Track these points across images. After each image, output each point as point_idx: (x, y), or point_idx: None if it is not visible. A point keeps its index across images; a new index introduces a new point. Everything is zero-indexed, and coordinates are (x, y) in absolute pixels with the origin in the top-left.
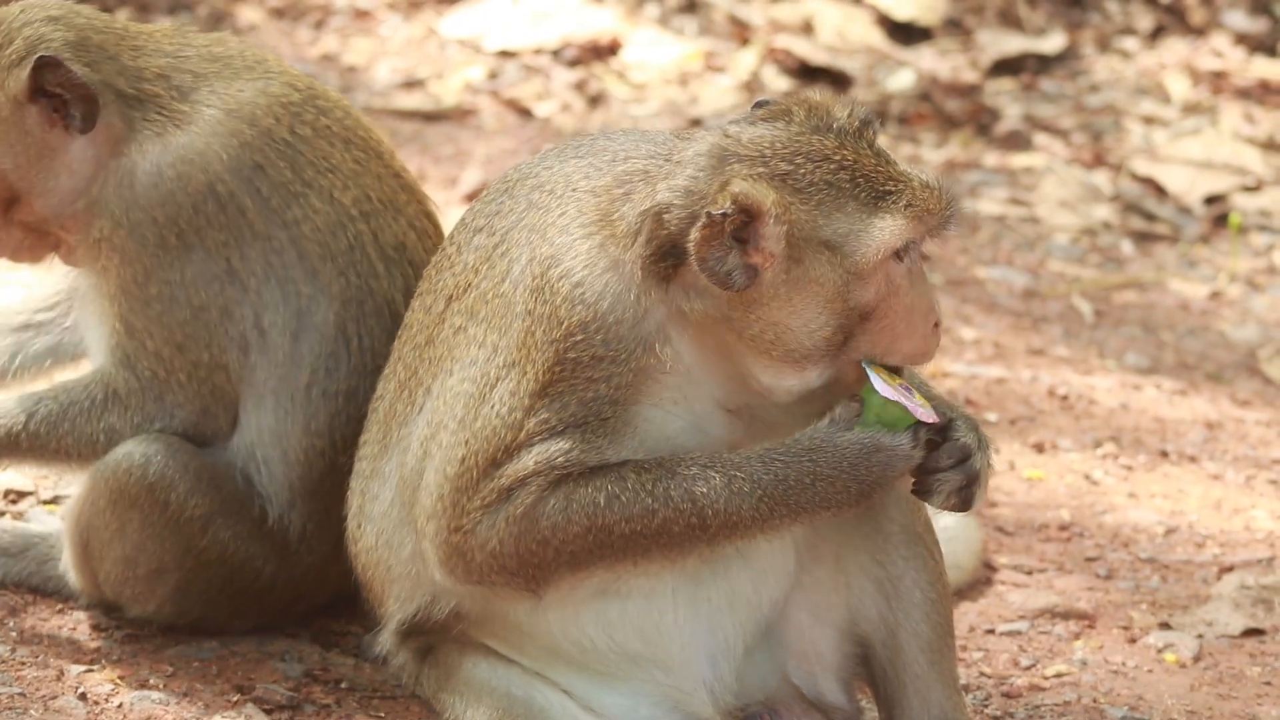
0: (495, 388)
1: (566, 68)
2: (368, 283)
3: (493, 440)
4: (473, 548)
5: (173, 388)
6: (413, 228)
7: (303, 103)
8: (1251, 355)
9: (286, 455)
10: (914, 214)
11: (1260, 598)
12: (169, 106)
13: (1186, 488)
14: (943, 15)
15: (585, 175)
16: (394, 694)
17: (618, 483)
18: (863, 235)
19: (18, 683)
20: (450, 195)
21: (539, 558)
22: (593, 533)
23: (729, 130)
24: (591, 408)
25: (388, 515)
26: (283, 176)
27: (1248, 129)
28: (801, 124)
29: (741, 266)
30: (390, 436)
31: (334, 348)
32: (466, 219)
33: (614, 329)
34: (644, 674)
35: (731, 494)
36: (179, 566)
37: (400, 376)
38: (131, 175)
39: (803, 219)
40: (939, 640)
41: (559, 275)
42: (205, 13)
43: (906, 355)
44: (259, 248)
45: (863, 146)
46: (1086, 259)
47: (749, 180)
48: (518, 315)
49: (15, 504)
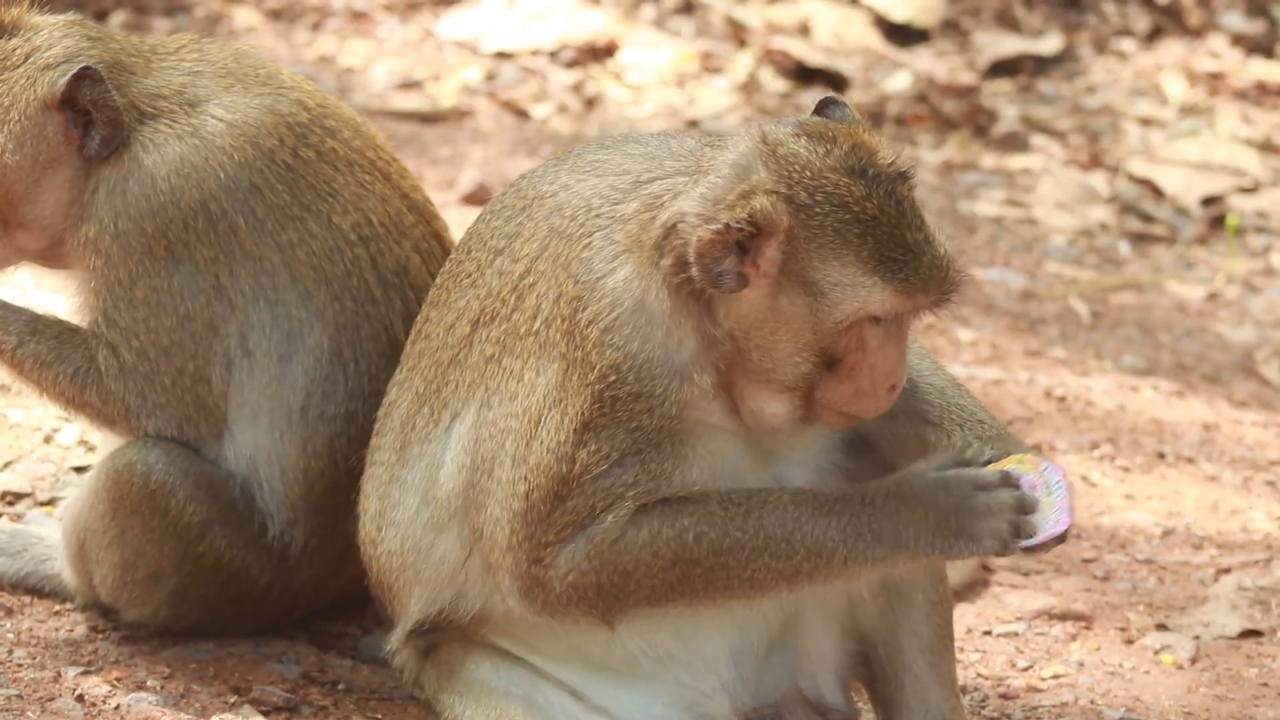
0: (540, 424)
1: (563, 69)
2: (364, 308)
3: (550, 474)
4: (553, 579)
5: (156, 388)
6: (417, 251)
7: (310, 123)
8: (1248, 357)
9: (285, 474)
10: (905, 290)
11: (1257, 599)
12: (177, 119)
13: (1183, 489)
14: (939, 16)
15: (607, 199)
16: (391, 695)
17: (706, 519)
18: (846, 291)
19: (15, 684)
20: (448, 197)
21: (620, 590)
22: (678, 566)
23: (768, 135)
24: (641, 436)
25: (414, 521)
26: (280, 199)
27: (1245, 130)
28: (839, 159)
29: (735, 273)
30: (410, 449)
31: (329, 371)
32: (483, 234)
33: (646, 367)
34: (667, 674)
35: (824, 527)
36: (176, 572)
37: (418, 389)
38: (125, 182)
39: (800, 254)
40: (938, 641)
41: (587, 320)
42: (202, 14)
43: (856, 410)
44: (249, 268)
45: (889, 203)
46: (1083, 260)
47: (770, 198)
48: (553, 358)
49: (12, 505)
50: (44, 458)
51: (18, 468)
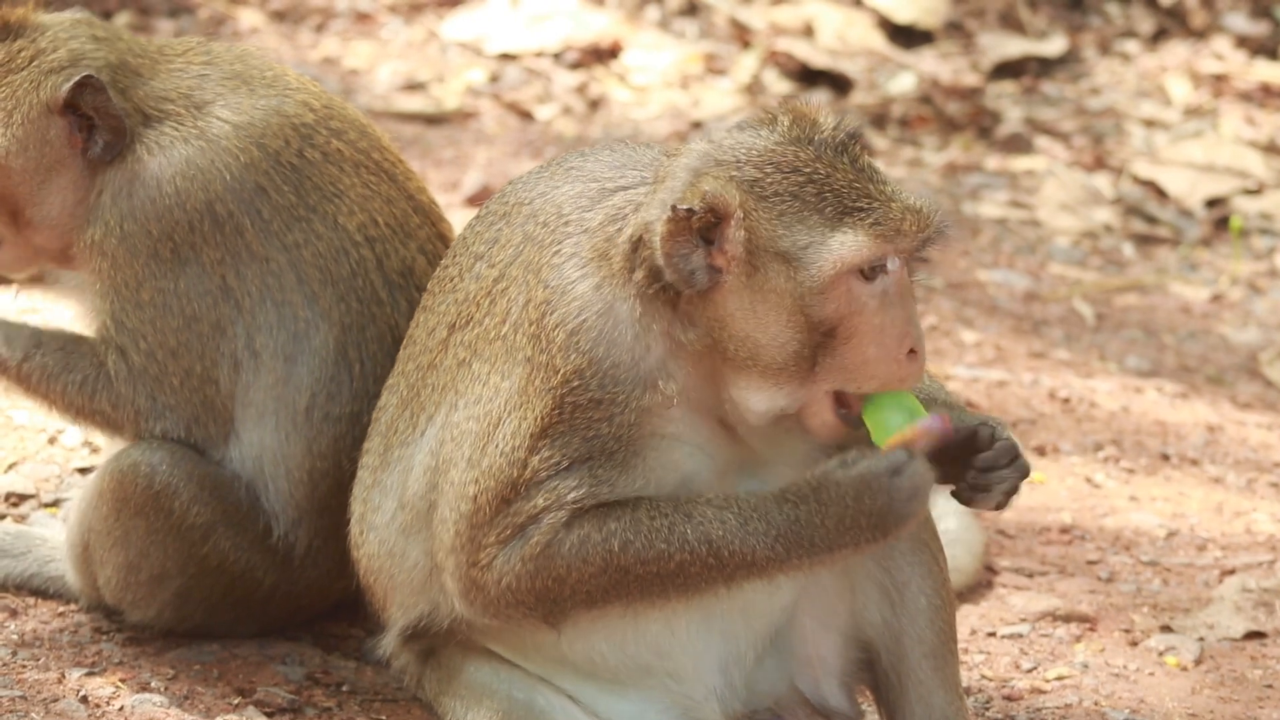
0: (499, 428)
1: (567, 71)
2: (370, 308)
3: (500, 478)
4: (489, 582)
5: (165, 390)
6: (423, 252)
7: (316, 124)
8: (1252, 358)
9: (290, 474)
10: (879, 233)
11: (1261, 601)
12: (183, 122)
13: (1188, 491)
14: (944, 18)
15: (576, 206)
16: (395, 697)
17: (632, 526)
18: (819, 249)
19: (19, 685)
20: (452, 199)
21: (555, 594)
22: (609, 573)
23: (714, 136)
24: (595, 444)
25: (390, 526)
26: (286, 200)
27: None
28: (783, 133)
29: (705, 266)
30: (391, 452)
31: (334, 372)
32: (469, 240)
33: (610, 373)
34: (654, 682)
35: (746, 534)
36: (181, 573)
37: (402, 393)
38: (130, 185)
39: (763, 227)
40: (942, 645)
41: (554, 324)
42: (206, 16)
43: (879, 382)
44: (256, 269)
45: (842, 161)
46: (1087, 262)
47: (719, 181)
48: (518, 361)
49: (17, 506)
50: (48, 459)
51: (22, 469)
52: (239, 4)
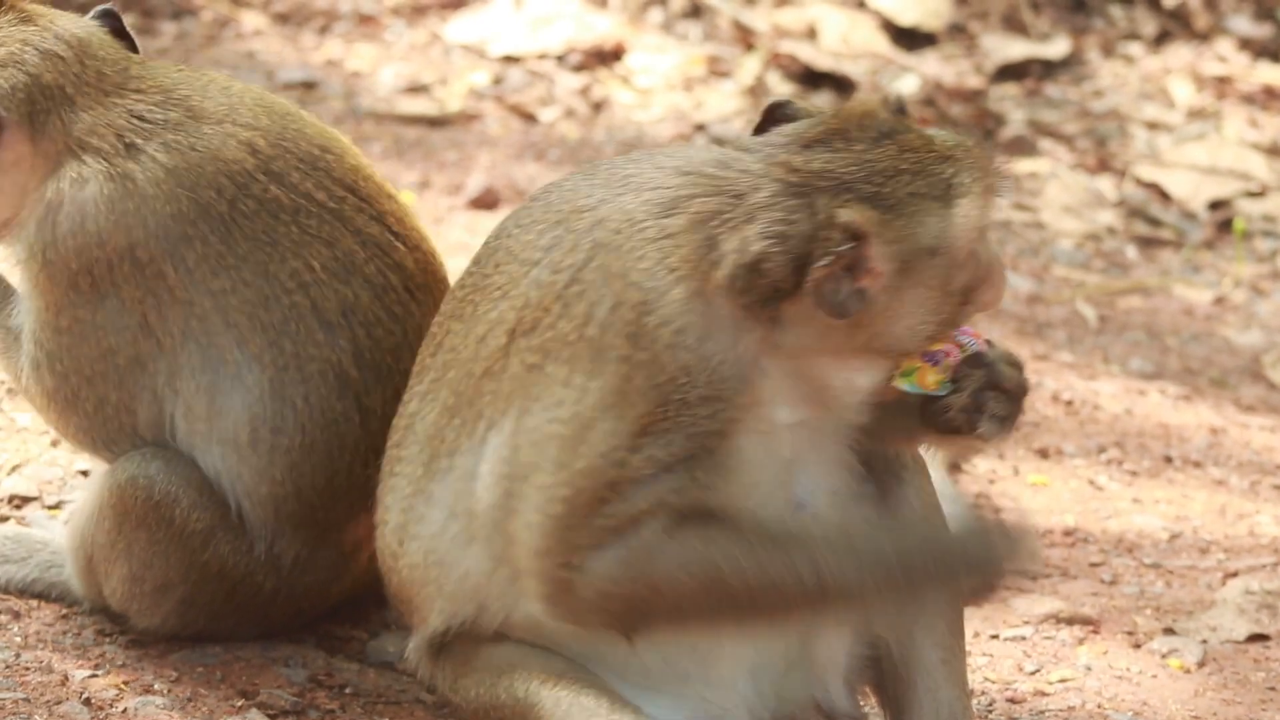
0: (592, 428)
1: (570, 73)
2: (306, 349)
3: (597, 478)
4: (582, 585)
5: (78, 412)
6: (369, 285)
7: (254, 170)
8: (1256, 361)
9: (251, 497)
10: (979, 186)
11: (1265, 603)
12: (112, 159)
13: (1191, 493)
14: (947, 20)
15: (649, 213)
16: (399, 699)
17: (740, 545)
18: (951, 228)
19: (22, 688)
20: (455, 201)
21: (647, 604)
22: (710, 589)
23: (789, 161)
24: (697, 441)
25: (440, 536)
26: (213, 250)
27: (1252, 134)
28: (861, 138)
29: (853, 293)
30: (438, 462)
31: (276, 408)
32: (513, 249)
33: (718, 370)
34: (688, 689)
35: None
36: (184, 581)
37: (446, 401)
38: (55, 214)
39: (899, 235)
40: (951, 638)
41: (657, 323)
42: (209, 18)
43: (985, 306)
44: (179, 311)
45: (912, 138)
46: (1091, 264)
47: (849, 208)
48: (609, 360)
49: (19, 509)
50: (51, 461)
51: (25, 471)
52: (242, 6)
